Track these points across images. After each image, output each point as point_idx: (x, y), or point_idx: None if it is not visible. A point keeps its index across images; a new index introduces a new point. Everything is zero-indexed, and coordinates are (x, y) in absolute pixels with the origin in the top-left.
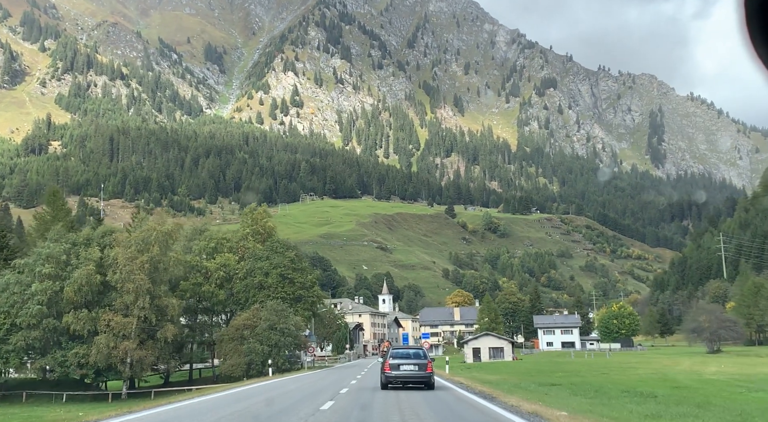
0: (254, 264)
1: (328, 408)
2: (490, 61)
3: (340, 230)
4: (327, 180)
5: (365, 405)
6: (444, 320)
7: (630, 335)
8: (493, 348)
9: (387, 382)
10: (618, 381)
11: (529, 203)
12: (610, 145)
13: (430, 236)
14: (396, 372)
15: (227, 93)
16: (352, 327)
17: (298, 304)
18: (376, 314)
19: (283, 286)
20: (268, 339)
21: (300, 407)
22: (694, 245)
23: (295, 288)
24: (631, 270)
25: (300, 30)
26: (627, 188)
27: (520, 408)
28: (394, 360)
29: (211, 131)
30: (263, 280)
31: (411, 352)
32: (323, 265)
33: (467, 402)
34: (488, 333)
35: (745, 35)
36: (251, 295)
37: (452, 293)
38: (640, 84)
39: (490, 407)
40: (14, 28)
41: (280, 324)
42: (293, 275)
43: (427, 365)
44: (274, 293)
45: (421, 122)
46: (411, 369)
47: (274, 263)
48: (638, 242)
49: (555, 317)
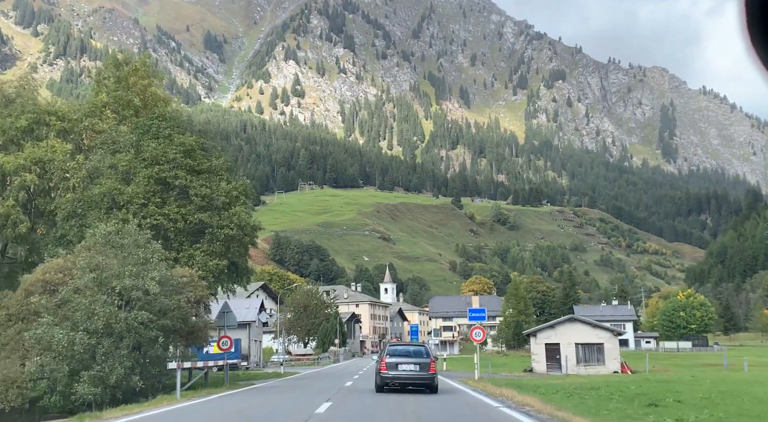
0: (107, 160)
1: None
2: (497, 52)
3: (339, 218)
4: (327, 169)
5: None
6: (459, 311)
7: (702, 331)
8: (584, 346)
9: (383, 384)
10: None
11: (540, 195)
12: (620, 139)
13: (436, 228)
14: (394, 372)
15: (227, 83)
16: (346, 319)
17: (197, 244)
18: (376, 305)
19: (166, 201)
20: (99, 319)
21: None
22: (734, 234)
23: (193, 208)
24: (649, 266)
25: (302, 18)
26: (639, 183)
27: None
28: (392, 359)
29: (207, 118)
30: (119, 190)
31: (411, 350)
32: (320, 255)
33: None
34: (575, 316)
35: (746, 35)
36: (90, 220)
37: (468, 281)
38: (651, 77)
39: None
40: (6, 12)
41: (140, 279)
42: (189, 181)
43: (429, 365)
44: (144, 214)
45: (426, 114)
46: (411, 369)
47: (151, 157)
48: (655, 236)
49: (602, 308)
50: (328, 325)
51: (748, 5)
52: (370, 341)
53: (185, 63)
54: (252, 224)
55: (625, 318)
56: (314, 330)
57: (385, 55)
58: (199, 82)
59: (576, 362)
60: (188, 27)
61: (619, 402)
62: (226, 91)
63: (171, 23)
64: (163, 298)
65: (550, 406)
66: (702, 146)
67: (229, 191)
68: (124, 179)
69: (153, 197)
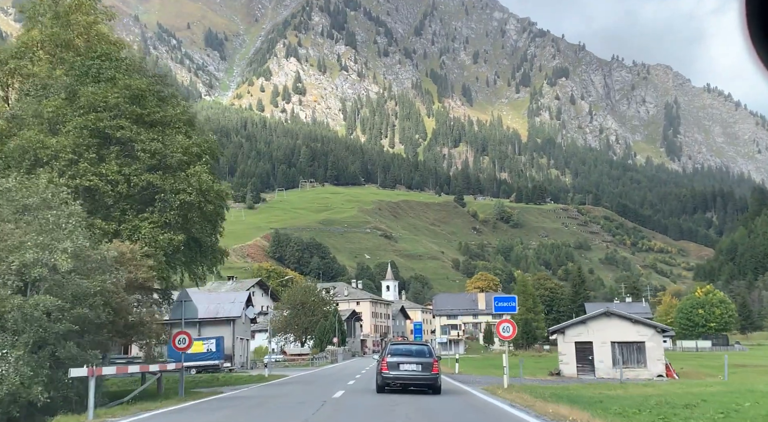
0: (32, 107)
1: None
2: (500, 50)
3: (340, 216)
4: (328, 166)
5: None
6: (464, 309)
7: (721, 330)
8: (622, 345)
9: (384, 384)
10: None
11: (543, 192)
12: (624, 137)
13: (438, 225)
14: (395, 372)
15: (228, 80)
16: (346, 317)
17: (144, 213)
18: (378, 303)
19: (105, 158)
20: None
21: None
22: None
23: (139, 167)
24: (654, 264)
25: (303, 15)
26: (643, 181)
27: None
28: (393, 358)
29: (207, 116)
30: (42, 143)
31: (413, 349)
32: (321, 252)
33: None
34: (611, 310)
35: (746, 36)
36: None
37: (473, 278)
38: (654, 75)
39: None
40: (6, 9)
41: (47, 253)
42: (136, 134)
43: (432, 364)
44: (74, 173)
45: (428, 112)
46: (413, 369)
47: (87, 103)
48: (660, 234)
49: (615, 305)
50: (327, 323)
51: (748, 5)
52: (371, 340)
53: (186, 60)
54: (217, 190)
55: (640, 316)
56: (312, 328)
57: (387, 52)
58: (199, 79)
59: (612, 363)
60: (189, 24)
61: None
62: (227, 89)
63: (172, 21)
64: (79, 278)
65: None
66: (706, 144)
67: (188, 147)
68: (51, 129)
69: (87, 152)
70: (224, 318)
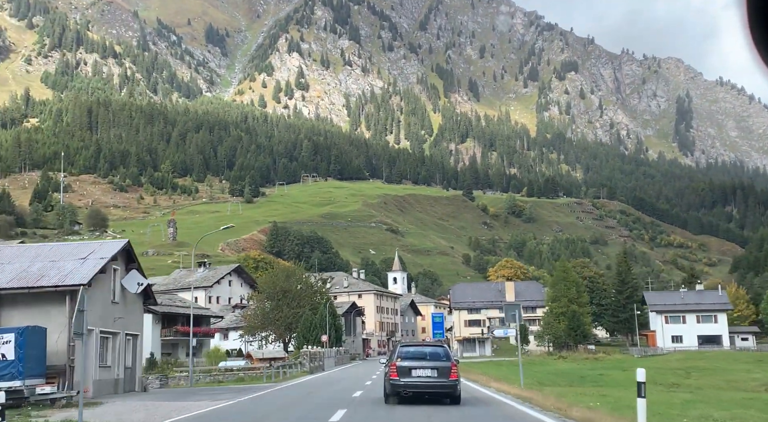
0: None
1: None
2: (507, 44)
3: (344, 210)
4: (332, 160)
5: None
6: (489, 301)
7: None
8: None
9: (394, 393)
10: None
11: (555, 186)
12: (635, 131)
13: (447, 220)
14: (406, 378)
15: (229, 77)
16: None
17: None
18: (384, 296)
19: None
20: None
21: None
22: None
23: None
24: (674, 259)
25: (306, 9)
26: (657, 175)
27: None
28: (404, 362)
29: (207, 110)
30: None
31: (427, 351)
32: (322, 246)
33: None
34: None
35: (747, 36)
36: None
37: (497, 265)
38: (665, 68)
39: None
40: (1, 5)
41: None
42: None
43: (449, 369)
44: None
45: (434, 107)
46: (427, 374)
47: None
48: (679, 228)
49: (683, 294)
50: (315, 317)
51: (749, 4)
52: (376, 339)
53: (186, 57)
54: None
55: (716, 307)
56: (297, 323)
57: (391, 47)
58: (200, 76)
59: None
60: (190, 20)
61: None
62: (228, 85)
63: (172, 17)
64: None
65: None
66: (720, 138)
67: None
68: None
69: None
70: (53, 288)
